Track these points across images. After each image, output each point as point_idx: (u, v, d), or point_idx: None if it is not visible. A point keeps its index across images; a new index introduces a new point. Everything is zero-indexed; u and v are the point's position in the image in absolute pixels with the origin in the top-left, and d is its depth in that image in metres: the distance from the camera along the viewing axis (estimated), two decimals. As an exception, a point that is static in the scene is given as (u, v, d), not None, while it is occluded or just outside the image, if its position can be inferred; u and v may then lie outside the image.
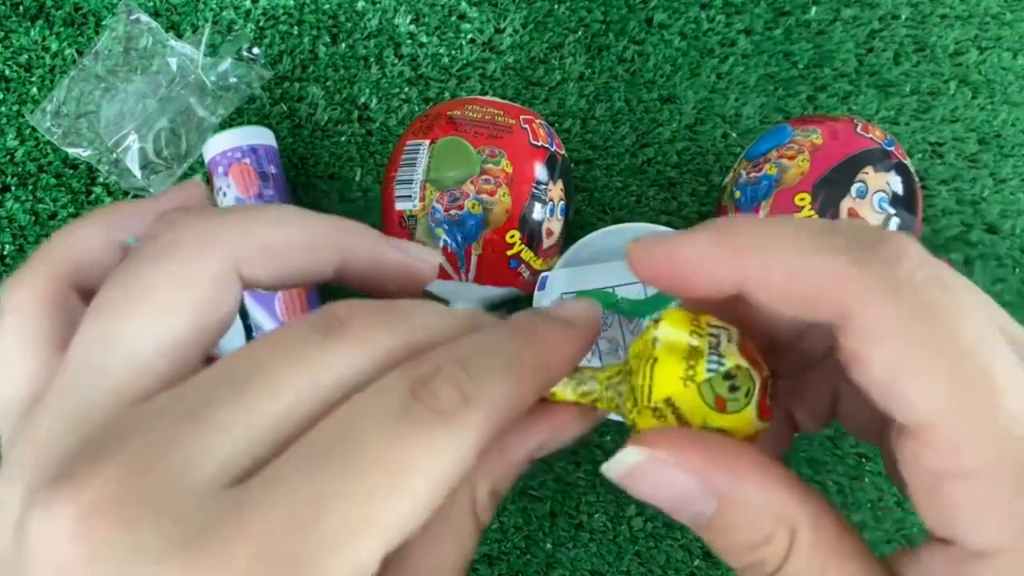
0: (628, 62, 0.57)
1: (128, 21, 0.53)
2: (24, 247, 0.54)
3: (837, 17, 0.58)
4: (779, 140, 0.48)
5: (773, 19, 0.58)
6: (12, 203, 0.54)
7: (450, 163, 0.47)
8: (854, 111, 0.57)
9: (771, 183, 0.47)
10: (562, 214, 0.49)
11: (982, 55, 0.58)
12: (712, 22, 0.57)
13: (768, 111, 0.57)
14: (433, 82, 0.57)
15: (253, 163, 0.51)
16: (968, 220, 0.56)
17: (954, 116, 0.57)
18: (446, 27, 0.57)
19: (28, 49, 0.56)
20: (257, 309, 0.50)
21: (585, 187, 0.56)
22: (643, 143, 0.56)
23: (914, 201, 0.47)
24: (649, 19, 0.57)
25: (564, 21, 0.57)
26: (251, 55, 0.55)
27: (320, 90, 0.56)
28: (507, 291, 0.50)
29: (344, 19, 0.57)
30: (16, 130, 0.55)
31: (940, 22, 0.58)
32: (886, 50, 0.57)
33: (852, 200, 0.45)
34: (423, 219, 0.47)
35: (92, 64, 0.53)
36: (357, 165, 0.56)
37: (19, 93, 0.55)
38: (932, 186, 0.56)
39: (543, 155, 0.48)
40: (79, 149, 0.53)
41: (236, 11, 0.57)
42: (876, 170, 0.46)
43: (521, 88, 0.57)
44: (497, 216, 0.47)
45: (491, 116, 0.48)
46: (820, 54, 0.57)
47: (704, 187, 0.56)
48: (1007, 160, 0.57)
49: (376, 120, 0.56)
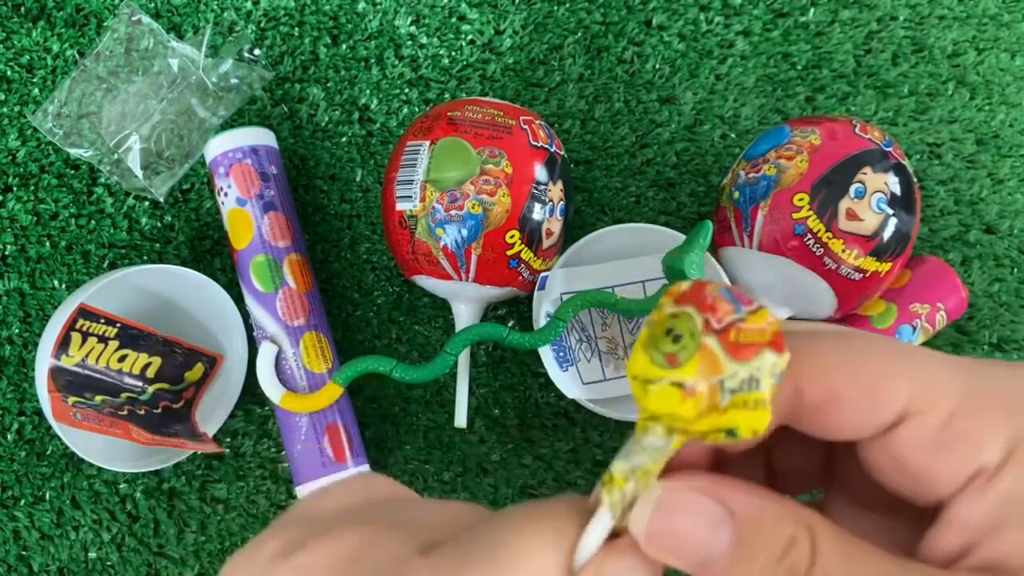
0: (627, 63, 0.57)
1: (130, 22, 0.53)
2: (26, 247, 0.54)
3: (835, 18, 0.58)
4: (778, 141, 0.49)
5: (771, 21, 0.58)
6: (14, 203, 0.54)
7: (450, 164, 0.47)
8: (852, 112, 0.57)
9: (770, 183, 0.47)
10: (562, 214, 0.49)
11: (980, 56, 0.58)
12: (711, 24, 0.58)
13: (767, 112, 0.57)
14: (433, 83, 0.57)
15: (254, 163, 0.51)
16: (966, 220, 0.56)
17: (952, 117, 0.57)
18: (446, 28, 0.57)
19: (30, 50, 0.56)
20: (258, 309, 0.50)
21: (585, 187, 0.56)
22: (642, 144, 0.56)
23: (912, 201, 0.47)
24: (648, 21, 0.58)
25: (564, 22, 0.58)
26: (252, 56, 0.56)
27: (321, 91, 0.56)
28: (507, 291, 0.50)
29: (345, 20, 0.57)
30: (18, 131, 0.55)
31: (938, 23, 0.58)
32: (884, 51, 0.58)
33: (850, 200, 0.46)
34: (423, 219, 0.47)
35: (94, 65, 0.53)
36: (358, 166, 0.56)
37: (21, 94, 0.55)
38: (930, 186, 0.57)
39: (543, 156, 0.48)
40: (80, 150, 0.53)
41: (237, 12, 0.57)
42: (874, 170, 0.46)
43: (521, 89, 0.57)
44: (497, 216, 0.47)
45: (491, 117, 0.48)
46: (818, 55, 0.57)
47: (703, 187, 0.56)
48: (1005, 160, 0.57)
49: (376, 121, 0.56)
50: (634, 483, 0.19)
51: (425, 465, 0.53)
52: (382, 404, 0.54)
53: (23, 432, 0.52)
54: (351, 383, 0.50)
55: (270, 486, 0.53)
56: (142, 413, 0.50)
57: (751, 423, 0.18)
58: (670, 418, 0.19)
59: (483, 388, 0.54)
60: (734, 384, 0.18)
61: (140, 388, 0.51)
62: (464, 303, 0.51)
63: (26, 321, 0.54)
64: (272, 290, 0.50)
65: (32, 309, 0.54)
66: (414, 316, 0.55)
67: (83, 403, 0.48)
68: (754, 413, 0.18)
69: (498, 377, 0.54)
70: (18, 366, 0.53)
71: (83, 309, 0.47)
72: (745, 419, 0.18)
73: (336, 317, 0.55)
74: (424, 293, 0.55)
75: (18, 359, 0.53)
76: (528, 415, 0.54)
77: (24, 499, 0.52)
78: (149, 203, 0.55)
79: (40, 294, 0.54)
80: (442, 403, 0.54)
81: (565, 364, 0.50)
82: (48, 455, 0.52)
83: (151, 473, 0.52)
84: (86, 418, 0.47)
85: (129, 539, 0.52)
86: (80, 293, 0.47)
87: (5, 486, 0.52)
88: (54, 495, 0.52)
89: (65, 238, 0.54)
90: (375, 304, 0.55)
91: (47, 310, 0.54)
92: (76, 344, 0.48)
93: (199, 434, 0.50)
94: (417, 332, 0.55)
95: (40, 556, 0.52)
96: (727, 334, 0.18)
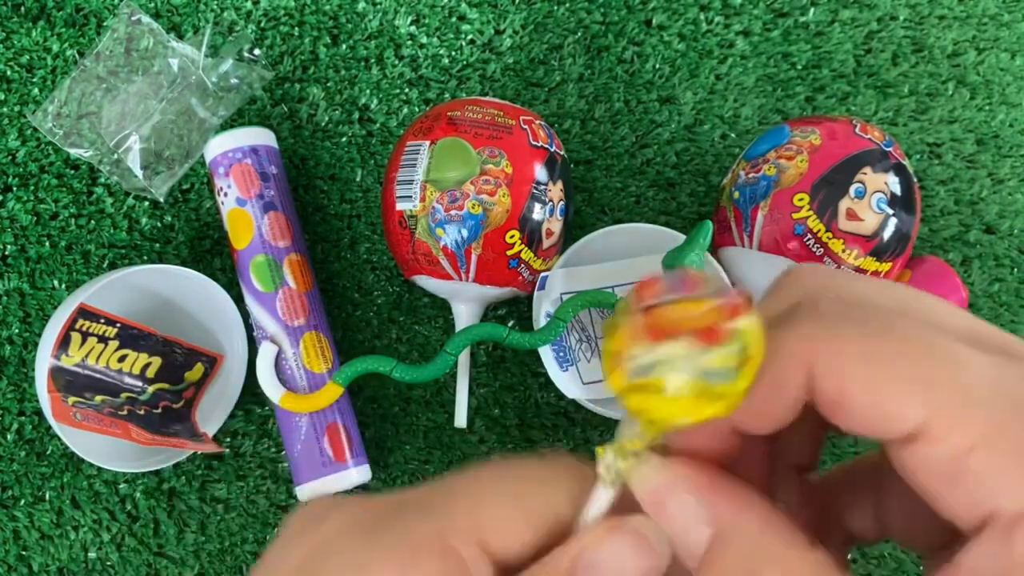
0: (627, 63, 0.57)
1: (129, 22, 0.53)
2: (26, 247, 0.54)
3: (835, 18, 0.58)
4: (778, 141, 0.49)
5: (771, 20, 0.58)
6: (14, 203, 0.54)
7: (450, 163, 0.47)
8: (852, 112, 0.57)
9: (770, 184, 0.47)
10: (562, 214, 0.49)
11: (980, 56, 0.58)
12: (711, 23, 0.58)
13: (766, 112, 0.57)
14: (433, 83, 0.57)
15: (254, 163, 0.51)
16: (966, 220, 0.56)
17: (952, 117, 0.57)
18: (446, 28, 0.57)
19: (30, 50, 0.56)
20: (258, 309, 0.50)
21: (585, 187, 0.56)
22: (642, 144, 0.56)
23: (912, 201, 0.47)
24: (648, 20, 0.58)
25: (564, 22, 0.58)
26: (252, 56, 0.56)
27: (321, 91, 0.56)
28: (507, 291, 0.50)
29: (345, 20, 0.57)
30: (18, 131, 0.55)
31: (938, 23, 0.58)
32: (884, 51, 0.58)
33: (851, 200, 0.46)
34: (423, 219, 0.47)
35: (93, 65, 0.53)
36: (358, 166, 0.56)
37: (21, 94, 0.55)
38: (930, 186, 0.57)
39: (543, 155, 0.48)
40: (80, 150, 0.53)
41: (237, 12, 0.57)
42: (874, 171, 0.46)
43: (521, 89, 0.57)
44: (497, 216, 0.47)
45: (491, 117, 0.48)
46: (818, 55, 0.57)
47: (703, 188, 0.56)
48: (1005, 160, 0.57)
49: (376, 121, 0.56)
50: (614, 457, 0.19)
51: (425, 465, 0.53)
52: (382, 404, 0.54)
53: (23, 432, 0.52)
54: (351, 383, 0.50)
55: (270, 486, 0.53)
56: (142, 413, 0.50)
57: (663, 412, 0.18)
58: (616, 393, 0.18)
59: (483, 388, 0.54)
60: (634, 365, 0.17)
61: (140, 388, 0.51)
62: (464, 303, 0.51)
63: (26, 321, 0.54)
64: (272, 290, 0.50)
65: (32, 309, 0.54)
66: (414, 316, 0.55)
67: (83, 403, 0.48)
68: (665, 400, 0.17)
69: (498, 377, 0.54)
70: (18, 366, 0.53)
71: (83, 309, 0.47)
72: (655, 405, 0.18)
73: (336, 317, 0.55)
74: (424, 293, 0.55)
75: (18, 359, 0.53)
76: (528, 415, 0.54)
77: (24, 499, 0.52)
78: (149, 203, 0.55)
79: (40, 294, 0.54)
80: (442, 403, 0.54)
81: (565, 364, 0.50)
82: (48, 455, 0.52)
83: (151, 473, 0.52)
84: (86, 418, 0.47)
85: (129, 539, 0.52)
86: (80, 293, 0.47)
87: (5, 486, 0.52)
88: (54, 495, 0.52)
89: (65, 238, 0.54)
90: (375, 304, 0.55)
91: (47, 310, 0.54)
92: (76, 344, 0.48)
93: (199, 434, 0.50)
94: (417, 332, 0.55)
95: (40, 556, 0.52)
96: (649, 313, 0.17)
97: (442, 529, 0.18)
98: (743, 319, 0.17)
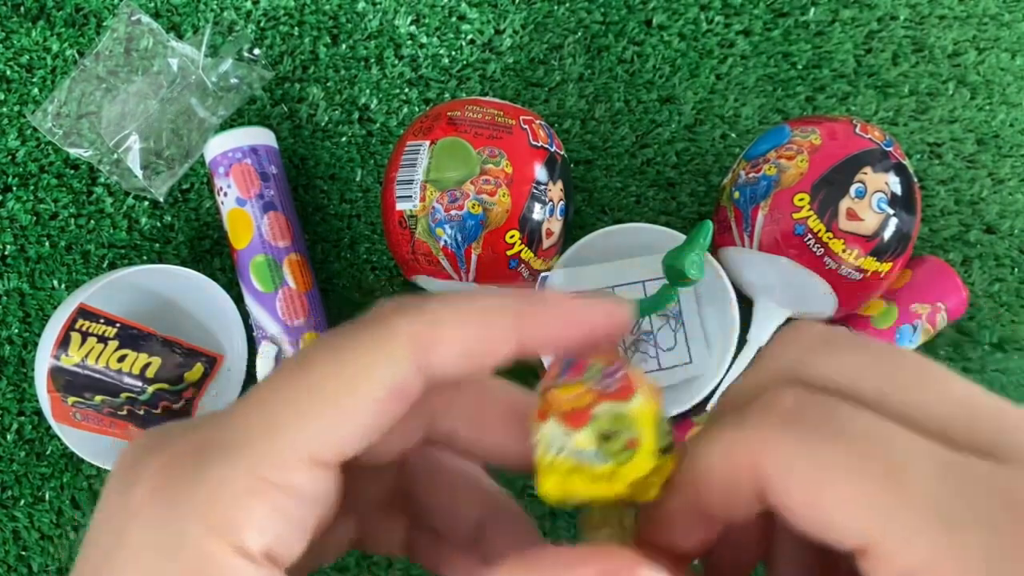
0: (627, 63, 0.57)
1: (129, 22, 0.53)
2: (25, 247, 0.54)
3: (836, 18, 0.58)
4: (778, 140, 0.49)
5: (772, 20, 0.58)
6: (13, 203, 0.54)
7: (450, 163, 0.47)
8: (853, 112, 0.57)
9: (770, 183, 0.47)
10: (562, 214, 0.49)
11: (980, 56, 0.58)
12: (711, 23, 0.57)
13: (767, 112, 0.57)
14: (433, 83, 0.57)
15: (254, 163, 0.51)
16: (967, 220, 0.56)
17: (952, 117, 0.57)
18: (446, 28, 0.57)
19: (29, 50, 0.56)
20: (258, 309, 0.50)
21: (585, 187, 0.56)
22: (642, 143, 0.56)
23: (913, 201, 0.47)
24: (648, 20, 0.58)
25: (564, 22, 0.57)
26: (252, 56, 0.55)
27: (321, 91, 0.56)
28: (507, 291, 0.50)
29: (344, 20, 0.57)
30: (17, 130, 0.55)
31: (939, 23, 0.58)
32: (884, 51, 0.58)
33: (851, 200, 0.46)
34: (423, 219, 0.47)
35: (93, 65, 0.53)
36: (358, 166, 0.56)
37: (20, 94, 0.55)
38: (931, 186, 0.57)
39: (543, 155, 0.48)
40: (80, 149, 0.53)
41: (237, 12, 0.57)
42: (875, 170, 0.46)
43: (521, 89, 0.57)
44: (497, 216, 0.47)
45: (491, 116, 0.48)
46: (819, 55, 0.57)
47: (703, 187, 0.56)
48: (1005, 160, 0.57)
49: (376, 121, 0.56)
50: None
51: (425, 465, 0.53)
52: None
53: (23, 432, 0.52)
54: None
55: (270, 486, 0.53)
56: (141, 413, 0.50)
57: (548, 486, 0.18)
58: None
59: (483, 388, 0.54)
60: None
61: (140, 388, 0.51)
62: (464, 303, 0.51)
63: (26, 321, 0.54)
64: (272, 290, 0.50)
65: (32, 309, 0.54)
66: (414, 316, 0.55)
67: (82, 403, 0.48)
68: (548, 476, 0.18)
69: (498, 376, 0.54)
70: (18, 366, 0.53)
71: (83, 309, 0.47)
72: (546, 480, 0.18)
73: (336, 317, 0.54)
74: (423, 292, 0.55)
75: (18, 359, 0.53)
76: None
77: (24, 499, 0.52)
78: (149, 203, 0.55)
79: (40, 294, 0.54)
80: (442, 403, 0.54)
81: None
82: (48, 455, 0.52)
83: (151, 473, 0.52)
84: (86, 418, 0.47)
85: (129, 539, 0.52)
86: (80, 293, 0.47)
87: (5, 486, 0.52)
88: (54, 495, 0.52)
89: (65, 238, 0.54)
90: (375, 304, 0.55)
91: (47, 310, 0.54)
92: (76, 344, 0.48)
93: (199, 434, 0.50)
94: (417, 332, 0.55)
95: (40, 556, 0.52)
96: (542, 396, 0.19)
97: (255, 466, 0.17)
98: (625, 404, 0.18)
